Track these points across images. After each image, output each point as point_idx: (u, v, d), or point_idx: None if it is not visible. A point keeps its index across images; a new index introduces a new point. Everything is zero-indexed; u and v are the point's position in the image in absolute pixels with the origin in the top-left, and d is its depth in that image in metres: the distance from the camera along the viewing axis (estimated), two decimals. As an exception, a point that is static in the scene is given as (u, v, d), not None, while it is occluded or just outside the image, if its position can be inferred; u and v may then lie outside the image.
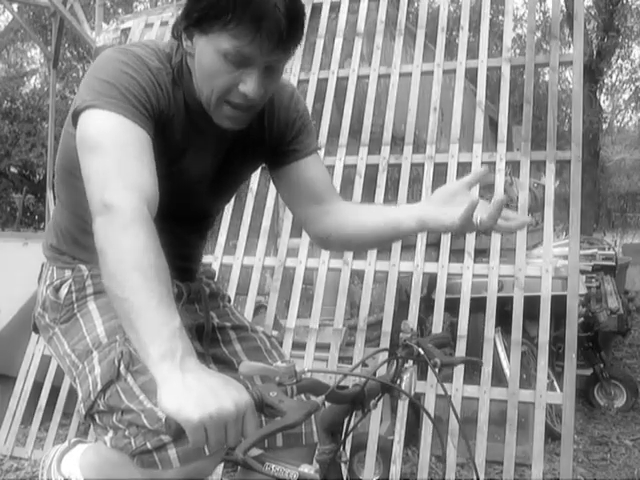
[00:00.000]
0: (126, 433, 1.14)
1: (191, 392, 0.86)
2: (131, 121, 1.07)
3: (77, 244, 1.32)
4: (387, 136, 2.94)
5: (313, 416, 1.35)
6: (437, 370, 1.08)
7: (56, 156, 1.34)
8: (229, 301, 1.54)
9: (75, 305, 1.30)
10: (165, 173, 1.14)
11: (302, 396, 1.08)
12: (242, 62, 1.09)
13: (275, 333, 2.81)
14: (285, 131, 1.35)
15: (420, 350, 1.10)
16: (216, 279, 1.57)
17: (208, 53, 1.11)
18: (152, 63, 1.17)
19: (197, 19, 1.09)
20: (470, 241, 2.65)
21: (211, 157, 1.29)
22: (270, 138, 1.35)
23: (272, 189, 2.99)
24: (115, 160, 1.04)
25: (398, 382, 1.11)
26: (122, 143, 1.05)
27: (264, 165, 1.44)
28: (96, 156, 1.05)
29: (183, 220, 1.34)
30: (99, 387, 1.17)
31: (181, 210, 1.30)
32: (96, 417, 1.20)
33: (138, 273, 0.95)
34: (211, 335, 1.42)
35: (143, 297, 0.93)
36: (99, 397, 1.18)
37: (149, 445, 1.12)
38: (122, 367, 1.17)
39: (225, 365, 1.40)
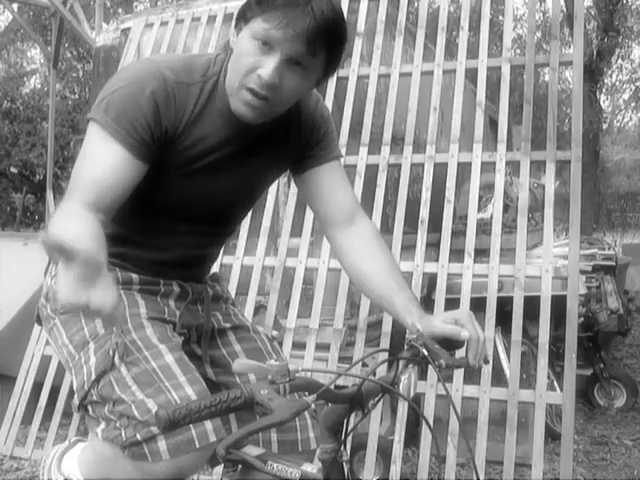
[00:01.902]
0: (117, 424, 1.16)
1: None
2: (117, 143, 1.16)
3: None
4: (387, 136, 2.94)
5: (310, 422, 1.35)
6: (440, 371, 1.08)
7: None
8: (233, 304, 1.54)
9: None
10: (188, 177, 1.23)
11: (295, 395, 1.08)
12: (267, 46, 1.14)
13: (275, 333, 2.81)
14: (310, 137, 1.39)
15: (424, 351, 1.10)
16: (221, 283, 1.57)
17: (244, 38, 1.16)
18: (175, 77, 1.21)
19: (245, 8, 1.17)
20: (470, 241, 2.65)
21: (235, 162, 1.31)
22: (295, 144, 1.37)
23: (272, 189, 2.99)
24: (88, 179, 1.15)
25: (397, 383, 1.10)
26: (101, 165, 1.16)
27: (288, 173, 1.48)
28: (79, 166, 1.18)
29: (195, 223, 1.36)
30: (93, 377, 1.19)
31: (200, 214, 1.34)
32: (89, 408, 1.22)
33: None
34: (211, 337, 1.42)
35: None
36: (92, 387, 1.20)
37: (139, 436, 1.13)
38: (116, 357, 1.19)
39: (223, 369, 1.40)
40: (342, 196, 1.41)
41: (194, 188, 1.28)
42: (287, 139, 1.36)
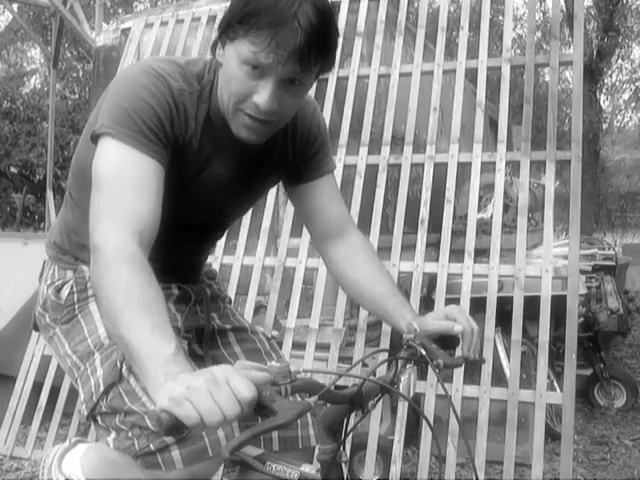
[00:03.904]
0: (129, 434, 1.15)
1: (175, 381, 0.86)
2: (141, 152, 1.09)
3: (81, 243, 1.31)
4: (387, 136, 2.94)
5: (310, 419, 1.35)
6: (438, 370, 1.08)
7: (73, 155, 1.35)
8: (230, 302, 1.55)
9: (76, 306, 1.30)
10: (184, 189, 1.19)
11: (297, 396, 1.08)
12: (258, 70, 1.08)
13: (275, 333, 2.81)
14: (306, 148, 1.36)
15: (422, 351, 1.10)
16: (217, 280, 1.57)
17: (231, 59, 1.10)
18: (175, 84, 1.16)
19: (226, 25, 1.09)
20: (470, 241, 2.65)
21: (231, 174, 1.29)
22: (292, 154, 1.35)
23: (272, 189, 2.98)
24: (111, 196, 1.07)
25: (397, 383, 1.10)
26: (124, 177, 1.08)
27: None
28: (98, 191, 1.09)
29: (198, 231, 1.36)
30: (101, 389, 1.18)
31: (197, 222, 1.32)
32: (98, 418, 1.21)
33: (126, 311, 0.96)
34: (211, 337, 1.42)
35: (134, 332, 0.95)
36: (101, 399, 1.18)
37: (152, 446, 1.13)
38: (124, 368, 1.17)
39: None
40: (334, 211, 1.40)
41: (194, 200, 1.26)
42: (284, 149, 1.33)
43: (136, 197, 1.07)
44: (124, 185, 1.07)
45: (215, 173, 1.26)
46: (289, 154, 1.35)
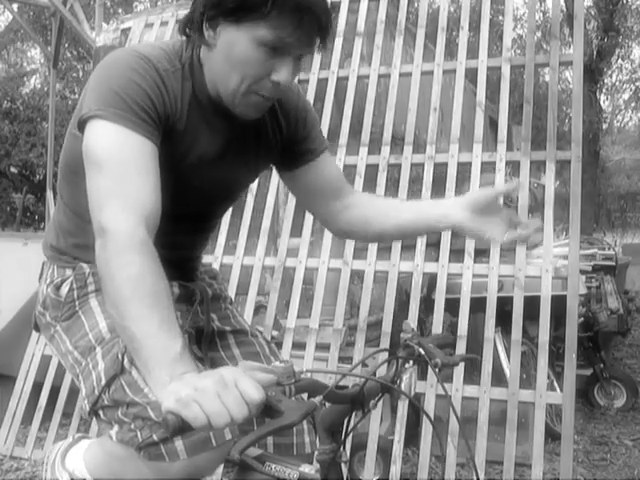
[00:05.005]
0: (132, 426, 1.15)
1: (181, 382, 0.87)
2: (136, 133, 1.08)
3: (78, 244, 1.31)
4: (387, 136, 2.94)
5: (306, 426, 1.35)
6: (437, 370, 1.08)
7: (60, 154, 1.33)
8: (230, 303, 1.53)
9: (77, 302, 1.30)
10: (172, 173, 1.16)
11: (298, 397, 1.08)
12: (279, 51, 1.11)
13: (275, 333, 2.81)
14: (296, 130, 1.36)
15: (421, 350, 1.10)
16: (218, 279, 1.56)
17: (242, 42, 1.11)
18: (160, 65, 1.16)
19: (232, 8, 1.09)
20: (470, 241, 2.65)
21: (219, 154, 1.27)
22: (282, 137, 1.35)
23: (272, 189, 2.99)
24: (115, 178, 1.05)
25: (398, 382, 1.10)
26: (124, 158, 1.06)
27: (273, 167, 1.45)
28: (98, 173, 1.07)
29: (189, 220, 1.34)
30: (103, 382, 1.18)
31: (187, 210, 1.30)
32: (100, 412, 1.20)
33: (135, 302, 0.96)
34: (210, 338, 1.41)
35: (142, 325, 0.95)
36: (103, 392, 1.18)
37: (155, 437, 1.12)
38: (126, 361, 1.17)
39: None
40: (335, 185, 1.42)
41: (184, 183, 1.24)
42: (272, 130, 1.33)
43: (139, 180, 1.06)
44: (124, 167, 1.06)
45: (204, 152, 1.24)
46: (277, 136, 1.34)
